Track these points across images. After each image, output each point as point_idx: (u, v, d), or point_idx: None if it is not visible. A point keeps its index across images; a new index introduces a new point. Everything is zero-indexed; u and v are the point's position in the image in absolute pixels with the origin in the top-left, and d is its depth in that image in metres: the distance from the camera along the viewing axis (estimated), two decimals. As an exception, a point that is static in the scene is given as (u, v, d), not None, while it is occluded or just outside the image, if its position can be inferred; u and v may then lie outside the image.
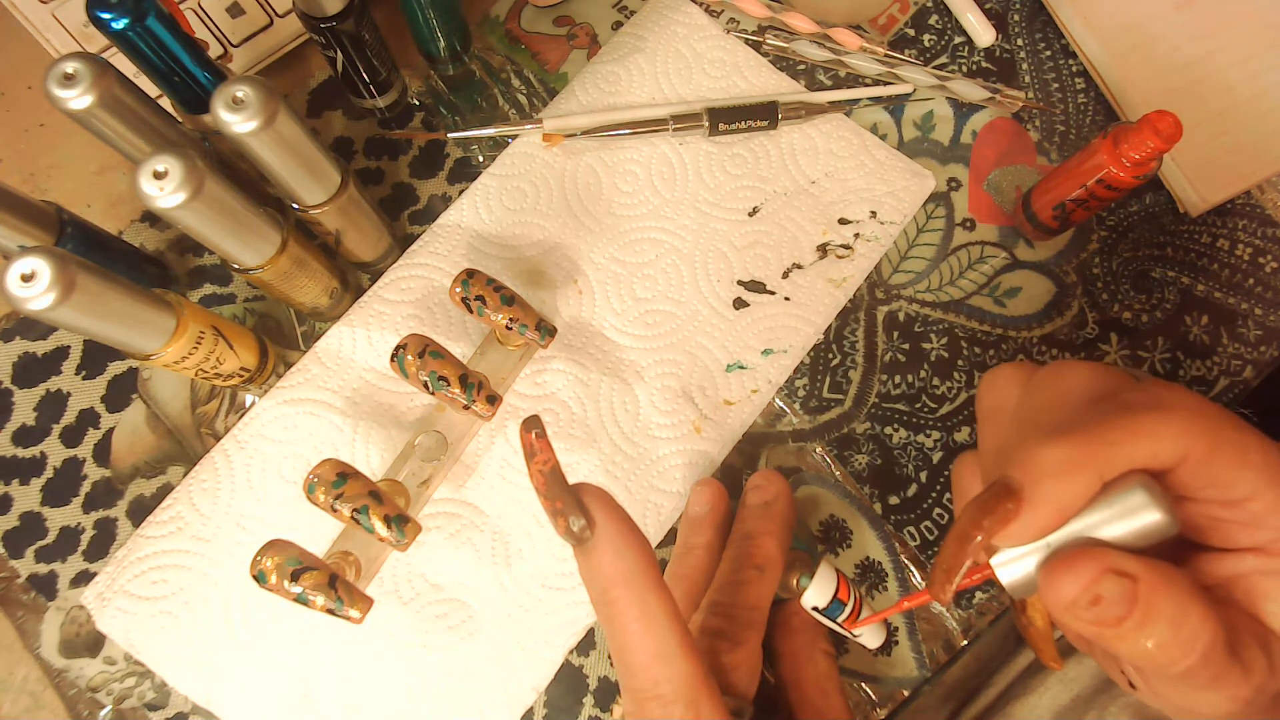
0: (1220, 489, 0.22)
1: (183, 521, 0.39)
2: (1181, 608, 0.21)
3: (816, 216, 0.44)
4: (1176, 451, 0.22)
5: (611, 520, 0.23)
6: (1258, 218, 0.45)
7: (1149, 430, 0.22)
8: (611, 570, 0.23)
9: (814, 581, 0.34)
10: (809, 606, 0.34)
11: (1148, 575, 0.21)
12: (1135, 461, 0.22)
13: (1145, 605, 0.20)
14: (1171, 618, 0.20)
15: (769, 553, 0.33)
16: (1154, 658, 0.21)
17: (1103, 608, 0.20)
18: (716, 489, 0.38)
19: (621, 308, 0.42)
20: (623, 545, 0.23)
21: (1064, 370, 0.25)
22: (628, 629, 0.23)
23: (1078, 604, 0.21)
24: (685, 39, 0.47)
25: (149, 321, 0.32)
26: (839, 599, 0.34)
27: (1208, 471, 0.22)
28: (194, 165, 0.29)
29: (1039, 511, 0.22)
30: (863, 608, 0.35)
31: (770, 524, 0.35)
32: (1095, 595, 0.21)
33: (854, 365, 0.43)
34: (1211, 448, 0.22)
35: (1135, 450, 0.22)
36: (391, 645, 0.38)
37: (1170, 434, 0.22)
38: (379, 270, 0.43)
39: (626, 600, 0.23)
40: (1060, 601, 0.21)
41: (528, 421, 0.23)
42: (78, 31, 0.43)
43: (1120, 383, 0.24)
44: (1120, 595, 0.20)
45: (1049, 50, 0.48)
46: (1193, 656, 0.21)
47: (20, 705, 0.38)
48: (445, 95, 0.46)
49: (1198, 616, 0.21)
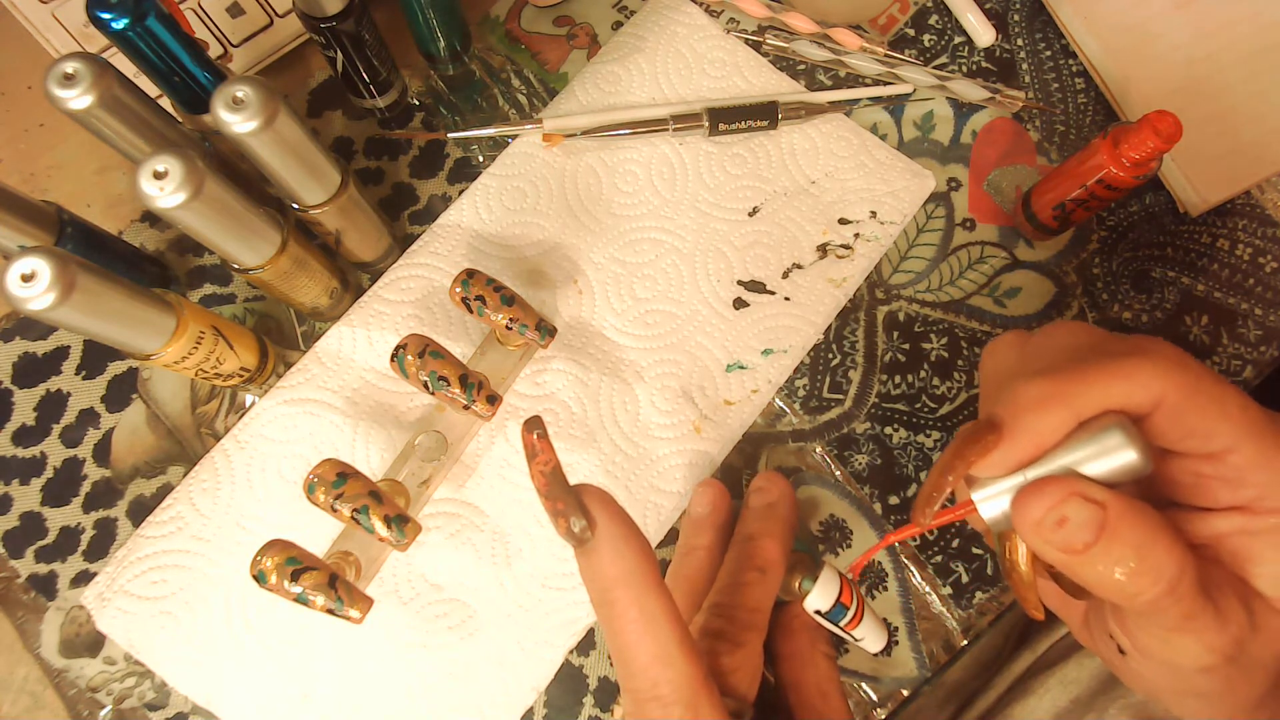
0: (1199, 439, 0.23)
1: (183, 521, 0.39)
2: (1148, 535, 0.21)
3: (816, 216, 0.44)
4: (1151, 394, 0.23)
5: (612, 521, 0.23)
6: (1258, 218, 0.45)
7: (1125, 372, 0.23)
8: (612, 571, 0.23)
9: (817, 585, 0.33)
10: (811, 610, 0.34)
11: (1115, 504, 0.21)
12: (1110, 400, 0.23)
13: (1111, 530, 0.21)
14: (1137, 544, 0.21)
15: (770, 554, 0.34)
16: (1122, 588, 0.21)
17: (1069, 530, 0.21)
18: (718, 490, 0.38)
19: (621, 308, 0.42)
20: (623, 546, 0.23)
21: (1055, 327, 0.27)
22: (627, 630, 0.23)
23: (1043, 525, 0.22)
24: (685, 39, 0.47)
25: (149, 321, 0.32)
26: (841, 603, 0.34)
27: (1185, 419, 0.23)
28: (194, 165, 0.29)
29: (1016, 441, 0.23)
30: (865, 611, 0.35)
31: (772, 525, 0.35)
32: (1061, 516, 0.21)
33: (854, 365, 0.43)
34: (1187, 394, 0.23)
35: (1110, 390, 0.23)
36: (391, 645, 0.38)
37: (1145, 377, 0.23)
38: (379, 270, 0.43)
39: (626, 601, 0.23)
40: (1027, 521, 0.22)
41: (529, 422, 0.23)
42: (78, 31, 0.43)
43: (1106, 336, 0.26)
44: (1087, 519, 0.21)
45: (1049, 50, 0.48)
46: (1160, 585, 0.21)
47: (20, 705, 0.38)
48: (445, 95, 0.46)
49: (1164, 546, 0.21)
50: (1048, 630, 0.41)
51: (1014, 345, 0.28)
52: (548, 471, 0.23)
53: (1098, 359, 0.23)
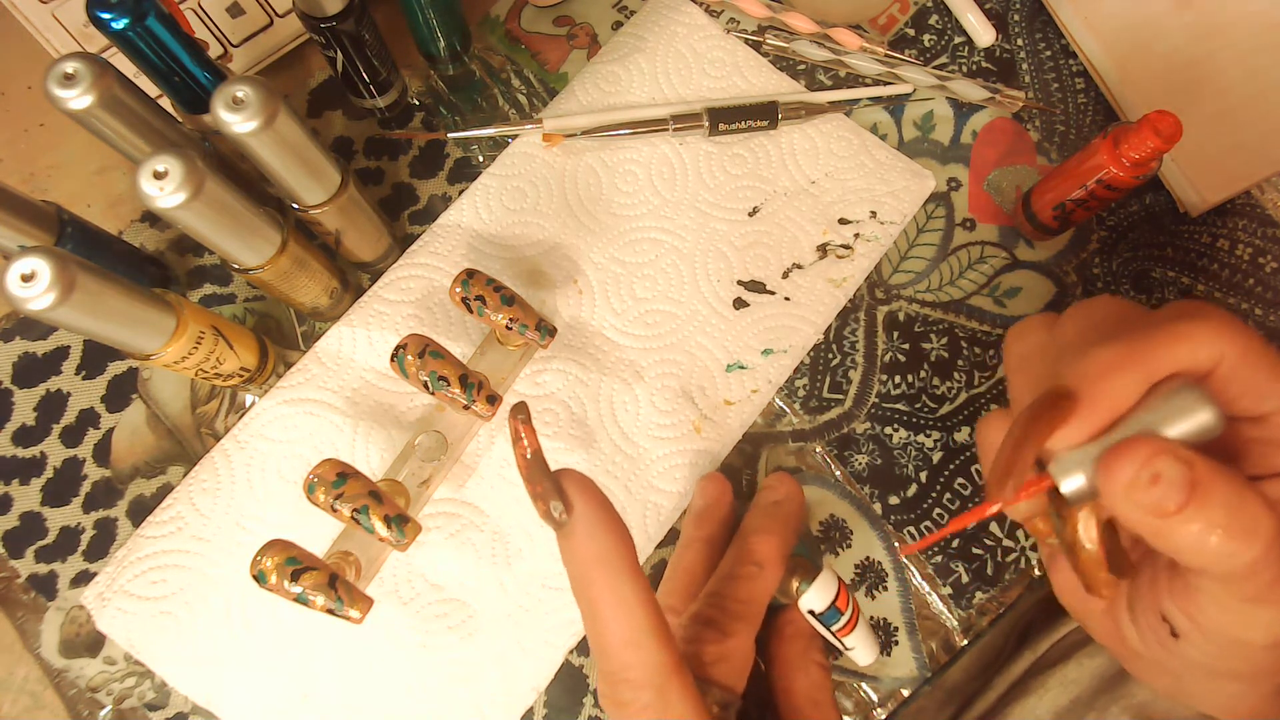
0: (1252, 399, 0.23)
1: (183, 521, 0.39)
2: (1239, 494, 0.21)
3: (816, 216, 0.44)
4: (1214, 353, 0.23)
5: (589, 505, 0.23)
6: (1258, 218, 0.45)
7: (1187, 334, 0.23)
8: (586, 553, 0.23)
9: (814, 585, 0.33)
10: (805, 610, 0.34)
11: (1202, 462, 0.21)
12: (1179, 362, 0.23)
13: (1204, 488, 0.21)
14: (1229, 504, 0.21)
15: (770, 550, 0.33)
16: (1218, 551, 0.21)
17: (1162, 489, 0.21)
18: (720, 483, 0.38)
19: (621, 308, 0.42)
20: (599, 530, 0.23)
21: (1091, 303, 0.27)
22: (601, 612, 0.24)
23: (1136, 484, 0.21)
24: (685, 39, 0.47)
25: (149, 321, 0.32)
26: (837, 607, 0.33)
27: (1241, 377, 0.23)
28: (194, 165, 0.29)
29: (1093, 408, 0.23)
30: (859, 621, 0.34)
31: (776, 523, 0.35)
32: (1154, 473, 0.21)
33: (854, 365, 0.43)
34: (1243, 352, 0.23)
35: (1177, 351, 0.23)
36: (391, 645, 0.38)
37: (1206, 337, 0.23)
38: (379, 270, 0.43)
39: (600, 584, 0.23)
40: (1119, 483, 0.22)
41: (515, 408, 0.24)
42: (78, 31, 0.43)
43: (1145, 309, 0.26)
44: (1179, 477, 0.21)
45: (1049, 50, 0.48)
46: (1256, 546, 0.21)
47: (20, 705, 0.38)
48: (445, 95, 0.46)
49: (1255, 504, 0.21)
50: (1048, 630, 0.41)
51: (1043, 325, 0.28)
52: (529, 455, 0.23)
53: (1158, 323, 0.23)
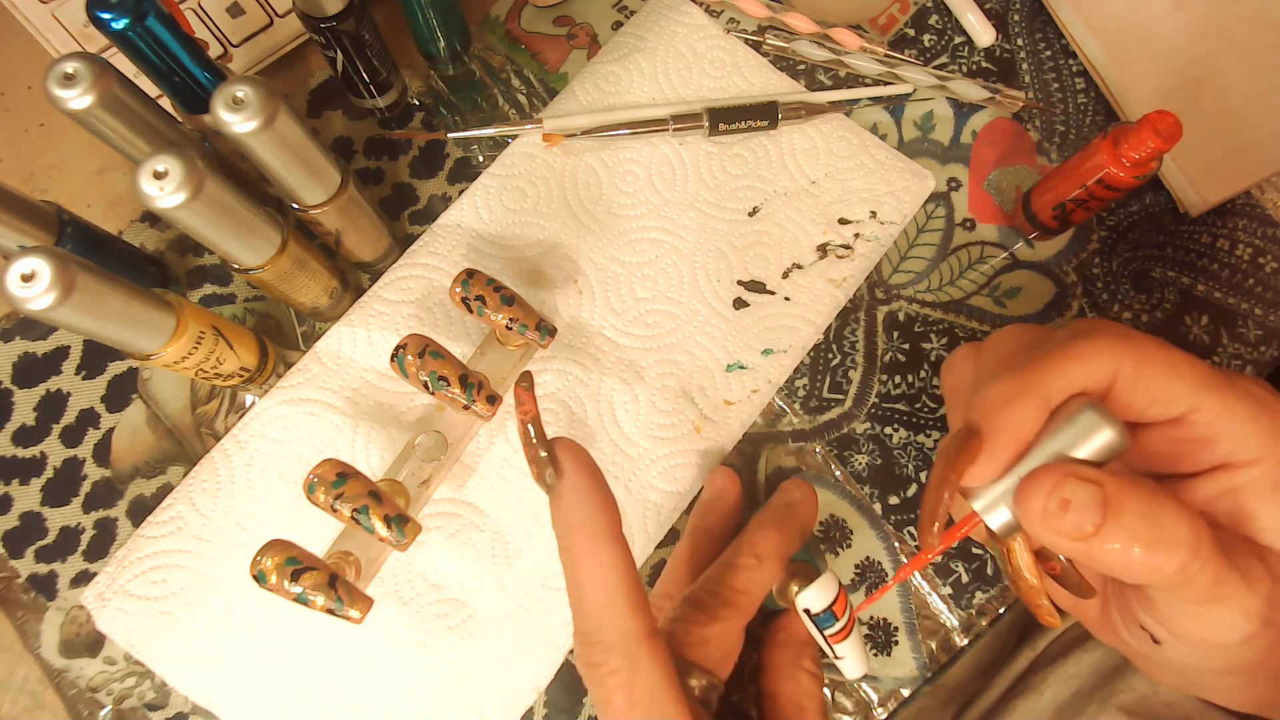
0: (1161, 404, 0.24)
1: (183, 521, 0.39)
2: (1153, 502, 0.21)
3: (816, 216, 0.44)
4: (1107, 368, 0.23)
5: (578, 471, 0.24)
6: (1258, 218, 0.45)
7: (1078, 353, 0.24)
8: (572, 517, 0.24)
9: (814, 584, 0.33)
10: (801, 608, 0.33)
11: (1111, 480, 0.22)
12: (1073, 384, 0.23)
13: (1115, 505, 0.21)
14: (1145, 513, 0.21)
15: (771, 545, 0.33)
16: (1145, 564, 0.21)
17: (1075, 514, 0.21)
18: (728, 476, 0.39)
19: (621, 308, 0.42)
20: (584, 495, 0.24)
21: (1001, 333, 0.28)
22: (580, 575, 0.24)
23: (1049, 513, 0.22)
24: (685, 39, 0.47)
25: (149, 321, 0.32)
26: (833, 610, 0.33)
27: (1141, 384, 0.23)
28: (194, 165, 0.29)
29: (996, 442, 0.23)
30: (854, 631, 0.34)
31: (783, 522, 0.35)
32: (1063, 500, 0.22)
33: (854, 365, 0.43)
34: (1137, 361, 0.23)
35: (1069, 373, 0.23)
36: (391, 645, 0.38)
37: (1096, 353, 0.23)
38: (379, 270, 0.43)
39: (581, 547, 0.24)
40: (1033, 514, 0.22)
41: (522, 376, 0.25)
42: (78, 31, 0.43)
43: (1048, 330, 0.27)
44: (1089, 499, 0.21)
45: (1049, 50, 0.48)
46: (1181, 551, 0.21)
47: (20, 705, 0.38)
48: (445, 95, 0.46)
49: (1172, 511, 0.21)
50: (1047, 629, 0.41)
51: (969, 357, 0.29)
52: (528, 421, 0.25)
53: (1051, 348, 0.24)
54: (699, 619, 0.30)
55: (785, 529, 0.35)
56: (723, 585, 0.32)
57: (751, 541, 0.34)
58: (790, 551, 0.34)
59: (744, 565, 0.33)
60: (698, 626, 0.30)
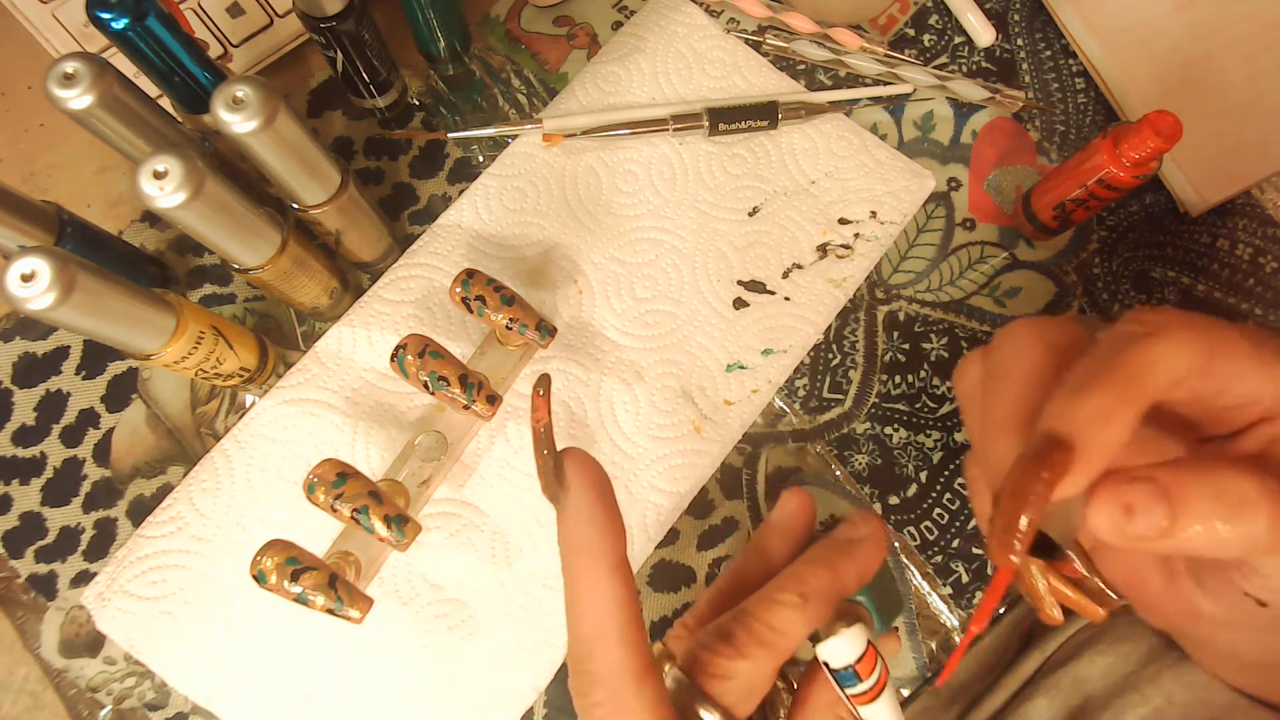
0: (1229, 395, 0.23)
1: (183, 521, 0.39)
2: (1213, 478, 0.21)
3: (816, 216, 0.44)
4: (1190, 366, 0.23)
5: (583, 490, 0.23)
6: (1258, 218, 0.45)
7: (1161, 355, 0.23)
8: (573, 538, 0.23)
9: (839, 635, 0.28)
10: (821, 659, 0.29)
11: (1161, 472, 0.21)
12: (1160, 389, 0.23)
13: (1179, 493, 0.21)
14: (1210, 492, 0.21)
15: (822, 585, 0.29)
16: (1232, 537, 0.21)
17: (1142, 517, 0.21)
18: (803, 500, 0.34)
19: (621, 308, 0.42)
20: (588, 515, 0.23)
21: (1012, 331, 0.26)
22: (576, 599, 0.23)
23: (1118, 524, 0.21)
24: (685, 39, 0.47)
25: (149, 321, 0.32)
26: (855, 670, 0.28)
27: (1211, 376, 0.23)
28: (194, 165, 0.29)
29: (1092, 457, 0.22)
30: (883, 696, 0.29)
31: (841, 560, 0.31)
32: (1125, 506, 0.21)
33: (854, 365, 0.43)
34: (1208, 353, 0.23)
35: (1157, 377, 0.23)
36: (391, 645, 0.38)
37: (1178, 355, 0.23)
38: (379, 270, 0.43)
39: (579, 569, 0.23)
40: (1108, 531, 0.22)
41: (540, 379, 0.24)
42: (78, 31, 0.43)
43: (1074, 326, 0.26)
44: (1148, 496, 0.21)
45: (1049, 50, 0.48)
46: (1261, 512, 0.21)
47: (20, 705, 0.38)
48: (445, 95, 0.46)
49: (1232, 477, 0.21)
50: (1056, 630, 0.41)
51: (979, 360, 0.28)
52: (539, 429, 0.24)
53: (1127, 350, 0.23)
54: (725, 650, 0.27)
55: (841, 569, 0.30)
56: (757, 620, 0.28)
57: (800, 577, 0.29)
58: (842, 595, 0.30)
59: (785, 602, 0.29)
60: (722, 659, 0.27)
